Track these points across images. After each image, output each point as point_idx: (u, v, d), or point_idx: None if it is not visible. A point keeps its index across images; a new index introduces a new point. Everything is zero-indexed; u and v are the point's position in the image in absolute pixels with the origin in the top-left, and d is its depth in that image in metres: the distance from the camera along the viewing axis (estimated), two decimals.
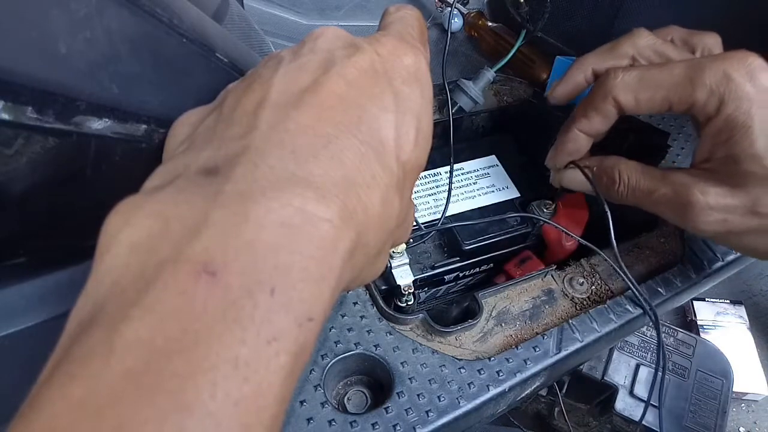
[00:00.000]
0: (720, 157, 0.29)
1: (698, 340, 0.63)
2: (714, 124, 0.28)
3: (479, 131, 0.50)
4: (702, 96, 0.28)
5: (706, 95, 0.28)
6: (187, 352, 0.12)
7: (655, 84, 0.30)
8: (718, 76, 0.28)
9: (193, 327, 0.12)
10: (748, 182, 0.28)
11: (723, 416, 0.57)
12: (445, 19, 0.61)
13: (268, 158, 0.15)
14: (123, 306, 0.12)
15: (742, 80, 0.27)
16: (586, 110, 0.33)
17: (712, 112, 0.28)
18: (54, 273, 0.21)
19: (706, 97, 0.28)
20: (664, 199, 0.31)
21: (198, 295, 0.12)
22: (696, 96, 0.28)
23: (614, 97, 0.31)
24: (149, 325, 0.12)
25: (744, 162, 0.28)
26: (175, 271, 0.12)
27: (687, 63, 0.29)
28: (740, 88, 0.27)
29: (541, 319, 0.36)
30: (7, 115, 0.15)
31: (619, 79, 0.31)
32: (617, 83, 0.31)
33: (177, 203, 0.14)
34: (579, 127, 0.34)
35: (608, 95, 0.31)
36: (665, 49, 0.32)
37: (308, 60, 0.18)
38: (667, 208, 0.31)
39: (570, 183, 0.36)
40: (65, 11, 0.15)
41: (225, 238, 0.13)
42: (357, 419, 0.29)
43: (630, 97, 0.31)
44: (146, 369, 0.11)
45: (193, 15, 0.22)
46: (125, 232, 0.14)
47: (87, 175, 0.19)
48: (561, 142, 0.35)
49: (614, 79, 0.31)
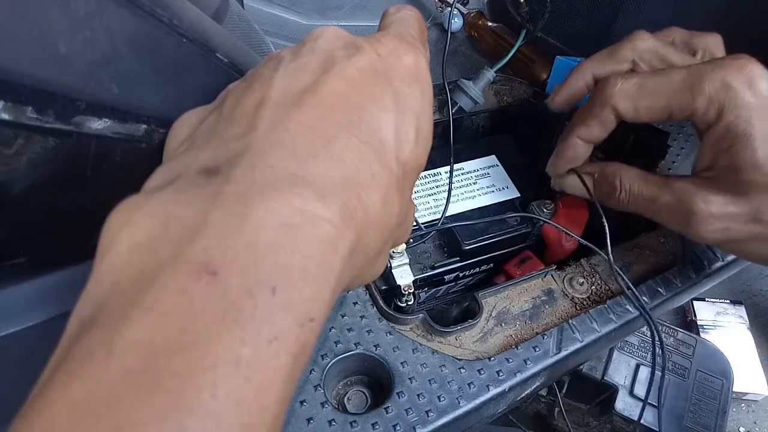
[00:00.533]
0: (722, 165, 0.29)
1: (698, 340, 0.63)
2: (714, 132, 0.28)
3: (479, 131, 0.50)
4: (702, 104, 0.28)
5: (705, 104, 0.28)
6: (186, 352, 0.12)
7: (655, 92, 0.30)
8: (717, 84, 0.27)
9: (193, 327, 0.12)
10: (750, 191, 0.28)
11: (723, 416, 0.57)
12: (445, 19, 0.61)
13: (268, 158, 0.15)
14: (123, 306, 0.12)
15: (741, 88, 0.27)
16: (584, 118, 0.33)
17: (713, 121, 0.28)
18: (54, 273, 0.21)
19: (705, 106, 0.28)
20: (666, 207, 0.31)
21: (197, 295, 0.12)
22: (696, 104, 0.28)
23: (613, 106, 0.31)
24: (149, 325, 0.12)
25: (745, 171, 0.28)
26: (174, 272, 0.12)
27: (686, 70, 0.29)
28: (739, 97, 0.27)
29: (541, 319, 0.36)
30: (7, 115, 0.15)
31: (618, 86, 0.31)
32: (616, 91, 0.31)
33: (177, 203, 0.14)
34: (578, 135, 0.33)
35: (607, 103, 0.31)
36: (666, 52, 0.32)
37: (308, 60, 0.18)
38: (668, 216, 0.31)
39: (571, 189, 0.36)
40: (65, 11, 0.15)
41: (225, 238, 0.13)
42: (357, 419, 0.29)
43: (629, 106, 0.30)
44: (146, 369, 0.11)
45: (193, 15, 0.22)
46: (125, 233, 0.14)
47: (87, 175, 0.19)
48: (560, 150, 0.35)
49: (613, 87, 0.31)
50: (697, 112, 0.28)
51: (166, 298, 0.12)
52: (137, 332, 0.12)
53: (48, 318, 0.20)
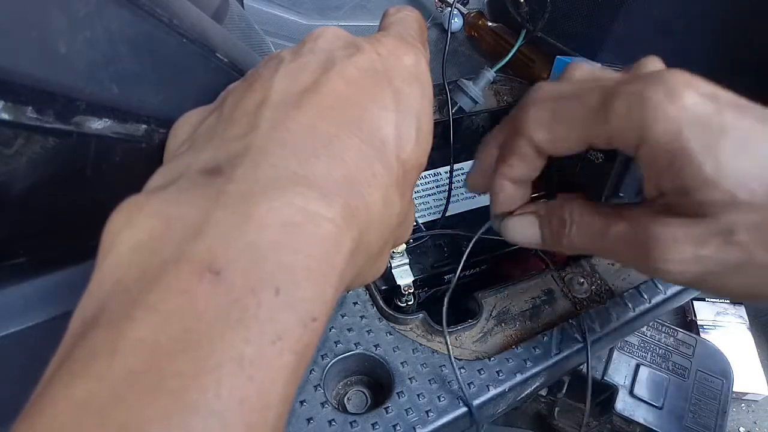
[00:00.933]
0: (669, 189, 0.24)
1: (698, 340, 0.63)
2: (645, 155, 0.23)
3: (479, 131, 0.50)
4: (616, 125, 0.23)
5: (621, 123, 0.23)
6: (190, 352, 0.12)
7: (569, 118, 0.25)
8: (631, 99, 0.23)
9: (197, 326, 0.12)
10: (714, 211, 0.23)
11: (723, 416, 0.57)
12: (445, 19, 0.61)
13: (270, 157, 0.15)
14: (125, 306, 0.12)
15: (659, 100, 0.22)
16: (503, 155, 0.28)
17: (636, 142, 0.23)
18: (54, 273, 0.21)
19: (622, 125, 0.23)
20: (621, 239, 0.25)
21: (201, 295, 0.12)
22: (611, 125, 0.23)
23: (528, 137, 0.26)
24: (152, 324, 0.12)
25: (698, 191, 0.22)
26: (177, 271, 0.12)
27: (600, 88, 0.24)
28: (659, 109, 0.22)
29: (541, 319, 0.36)
30: (7, 115, 0.15)
31: (531, 113, 0.26)
32: (528, 118, 0.26)
33: (179, 203, 0.14)
34: (502, 174, 0.28)
35: (522, 134, 0.26)
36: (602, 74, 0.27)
37: (308, 60, 0.18)
38: (625, 250, 0.25)
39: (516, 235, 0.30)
40: (65, 11, 0.15)
41: (227, 237, 0.13)
42: (357, 419, 0.29)
43: (544, 135, 0.26)
44: (149, 369, 0.11)
45: (193, 15, 0.22)
46: (127, 233, 0.14)
47: (87, 175, 0.19)
48: (491, 194, 0.30)
49: (525, 114, 0.26)
50: (615, 135, 0.24)
51: (170, 297, 0.12)
52: (140, 332, 0.12)
53: (48, 318, 0.20)
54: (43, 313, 0.20)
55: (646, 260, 0.24)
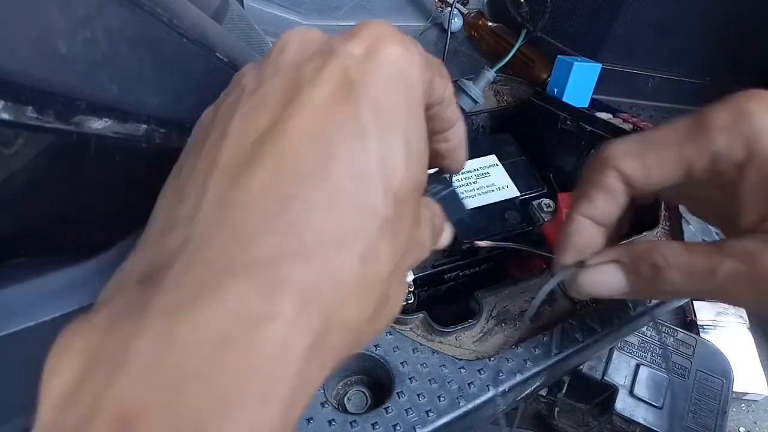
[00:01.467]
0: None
1: (698, 340, 0.63)
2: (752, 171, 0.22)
3: (479, 131, 0.50)
4: (722, 141, 0.23)
5: (726, 138, 0.22)
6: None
7: (662, 141, 0.24)
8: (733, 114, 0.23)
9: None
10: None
11: (723, 416, 0.57)
12: (445, 19, 0.61)
13: (208, 249, 0.13)
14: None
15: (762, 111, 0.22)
16: (585, 190, 0.27)
17: (743, 158, 0.22)
18: (54, 273, 0.21)
19: (727, 141, 0.22)
20: (733, 276, 0.23)
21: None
22: (715, 142, 0.23)
23: (616, 167, 0.25)
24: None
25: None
26: (92, 429, 0.11)
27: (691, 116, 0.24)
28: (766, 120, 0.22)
29: (541, 319, 0.36)
30: (7, 115, 0.15)
31: (618, 145, 0.25)
32: (617, 149, 0.25)
33: (107, 330, 0.13)
34: (582, 213, 0.27)
35: (609, 166, 0.25)
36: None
37: (268, 90, 0.16)
38: (741, 287, 0.23)
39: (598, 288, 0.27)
40: (65, 11, 0.15)
41: (146, 373, 0.11)
42: (357, 419, 0.29)
43: (635, 164, 0.25)
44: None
45: (193, 15, 0.22)
46: (54, 381, 0.12)
47: (87, 175, 0.19)
48: (565, 236, 0.27)
49: (613, 148, 0.26)
50: (720, 152, 0.23)
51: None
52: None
53: (48, 318, 0.20)
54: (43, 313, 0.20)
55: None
